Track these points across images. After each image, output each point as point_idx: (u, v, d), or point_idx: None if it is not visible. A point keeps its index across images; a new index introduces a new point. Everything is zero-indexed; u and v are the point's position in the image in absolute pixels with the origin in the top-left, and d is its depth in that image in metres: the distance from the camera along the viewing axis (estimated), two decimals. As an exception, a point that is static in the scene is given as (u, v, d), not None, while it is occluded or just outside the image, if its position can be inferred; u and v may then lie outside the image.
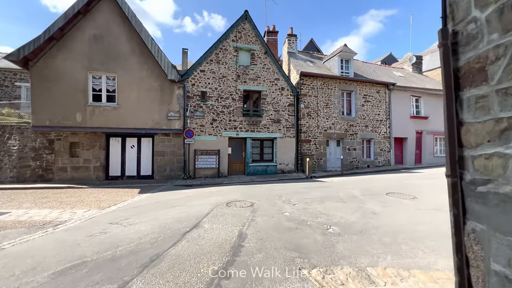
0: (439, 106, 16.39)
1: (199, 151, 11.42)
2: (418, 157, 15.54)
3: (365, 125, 14.42)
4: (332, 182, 9.32)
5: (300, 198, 6.53)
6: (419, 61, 19.42)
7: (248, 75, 12.47)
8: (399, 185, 8.11)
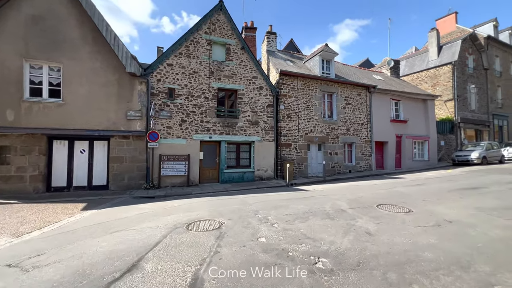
0: (417, 110, 16.41)
1: (165, 157, 9.94)
2: (398, 161, 15.31)
3: (347, 129, 13.84)
4: (315, 191, 8.37)
5: (280, 214, 5.42)
6: (396, 65, 19.57)
7: (223, 71, 11.26)
8: (387, 194, 7.35)
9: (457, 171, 12.58)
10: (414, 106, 16.23)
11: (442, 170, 13.65)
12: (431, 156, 16.41)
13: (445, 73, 19.83)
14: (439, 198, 6.55)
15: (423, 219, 4.88)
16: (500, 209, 5.48)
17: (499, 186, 7.96)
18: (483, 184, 8.31)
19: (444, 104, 19.79)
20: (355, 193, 7.61)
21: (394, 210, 5.50)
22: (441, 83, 20.10)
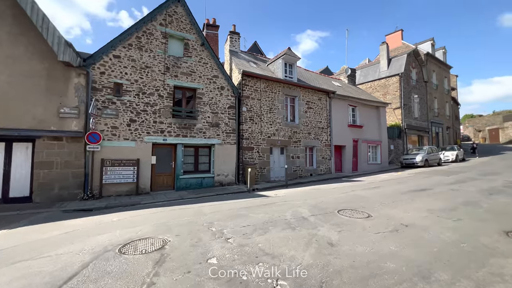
0: (371, 116, 17.52)
1: (109, 161, 8.61)
2: (355, 164, 16.07)
3: (308, 132, 14.01)
4: (277, 197, 8.02)
5: (238, 225, 4.85)
6: (353, 73, 20.80)
7: (181, 68, 10.36)
8: (346, 198, 7.34)
9: (406, 173, 13.62)
10: (369, 113, 17.32)
11: (393, 172, 14.68)
12: (383, 159, 17.67)
13: (393, 83, 21.76)
14: (394, 201, 6.72)
15: (382, 224, 4.80)
16: (447, 210, 5.76)
17: (442, 187, 8.64)
18: (429, 186, 8.94)
19: (393, 111, 21.65)
20: (316, 198, 7.46)
21: (354, 216, 5.37)
22: (390, 92, 21.99)
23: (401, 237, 4.19)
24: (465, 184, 8.97)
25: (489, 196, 7.07)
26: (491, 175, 10.89)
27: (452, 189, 8.11)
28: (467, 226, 4.71)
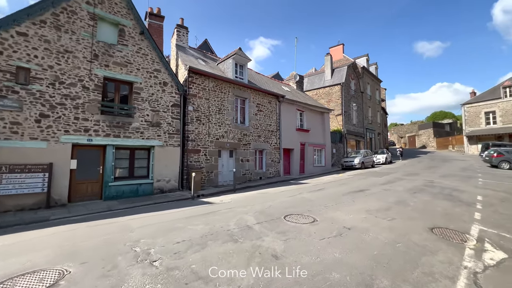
0: (317, 121, 18.52)
1: (5, 167, 6.67)
2: (302, 167, 16.65)
3: (258, 135, 13.86)
4: (223, 203, 7.43)
5: (170, 242, 4.09)
6: (301, 80, 21.81)
7: (113, 57, 8.90)
8: (294, 201, 7.24)
9: (346, 174, 14.67)
10: (315, 118, 18.28)
11: (335, 174, 15.68)
12: (327, 162, 18.85)
13: (336, 91, 23.65)
14: (337, 203, 6.88)
15: (327, 229, 4.70)
16: (382, 210, 6.11)
17: (376, 187, 9.39)
18: (366, 186, 9.63)
19: (335, 117, 23.48)
20: (264, 203, 7.15)
21: (300, 221, 5.18)
22: (333, 100, 23.83)
23: (345, 242, 4.11)
24: (395, 184, 9.97)
25: (413, 194, 7.90)
26: (412, 176, 12.50)
27: (384, 189, 8.86)
28: (400, 226, 4.98)
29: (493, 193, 8.32)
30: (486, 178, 11.61)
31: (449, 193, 8.04)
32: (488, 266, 3.54)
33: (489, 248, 4.12)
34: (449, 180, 10.89)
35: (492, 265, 3.57)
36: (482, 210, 6.25)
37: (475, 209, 6.28)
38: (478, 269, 3.45)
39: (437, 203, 6.77)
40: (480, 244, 4.23)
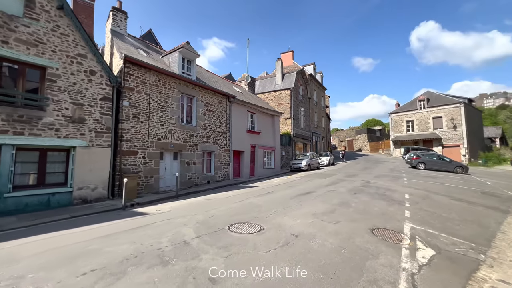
0: (268, 123, 18.63)
1: None
2: (252, 169, 16.44)
3: (206, 136, 13.03)
4: (160, 214, 6.45)
5: (73, 275, 3.08)
6: (253, 82, 21.76)
7: (16, 32, 6.97)
8: (241, 208, 6.76)
9: (294, 176, 15.01)
10: (265, 120, 18.36)
11: (284, 176, 15.92)
12: (276, 164, 19.13)
13: (286, 96, 24.42)
14: (284, 207, 6.67)
15: (274, 239, 4.33)
16: (327, 213, 6.12)
17: (322, 189, 9.67)
18: (312, 189, 9.83)
19: (285, 121, 24.20)
20: (208, 210, 6.46)
21: (246, 231, 4.71)
22: (283, 104, 24.53)
23: (292, 252, 3.79)
24: (338, 185, 10.47)
25: (354, 195, 8.32)
26: (352, 177, 13.50)
27: (329, 191, 9.16)
28: (344, 229, 4.97)
29: (416, 191, 9.42)
30: (409, 177, 13.31)
31: (383, 193, 8.76)
32: (422, 265, 3.67)
33: (420, 246, 4.36)
34: (382, 180, 12.06)
35: (425, 264, 3.71)
36: (410, 208, 6.87)
37: (404, 207, 6.87)
38: (414, 269, 3.52)
39: (375, 203, 7.20)
40: (413, 242, 4.46)
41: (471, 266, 3.79)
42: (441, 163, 18.58)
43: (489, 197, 9.52)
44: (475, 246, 4.57)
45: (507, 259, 4.27)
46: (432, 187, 10.61)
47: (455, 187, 10.93)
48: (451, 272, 3.55)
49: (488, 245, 4.72)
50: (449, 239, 4.81)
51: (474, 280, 3.40)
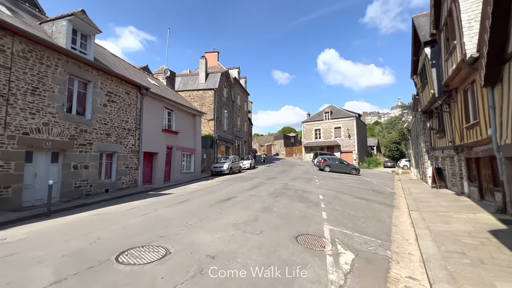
0: (188, 123, 17.01)
1: None
2: (167, 174, 14.43)
3: (107, 133, 10.39)
4: (4, 244, 4.18)
5: None
6: (173, 76, 19.60)
7: None
8: (143, 224, 5.26)
9: (215, 181, 14.04)
10: (186, 119, 16.69)
11: (204, 181, 14.71)
12: (196, 168, 17.66)
13: (209, 96, 23.33)
14: (202, 218, 5.62)
15: (183, 266, 3.25)
16: (250, 221, 5.48)
17: (243, 193, 9.12)
18: (234, 193, 9.15)
19: (207, 122, 23.01)
20: (92, 232, 4.66)
21: (143, 259, 3.42)
22: (206, 104, 23.32)
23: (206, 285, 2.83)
24: (259, 189, 10.21)
25: (275, 199, 8.12)
26: (272, 179, 13.73)
27: (251, 195, 8.69)
28: (269, 240, 4.41)
29: (327, 192, 10.21)
30: (320, 179, 14.68)
31: (301, 195, 8.99)
32: (346, 273, 3.43)
33: (341, 249, 4.25)
34: (298, 182, 12.71)
35: (348, 271, 3.50)
36: (325, 208, 7.13)
37: (321, 209, 7.06)
38: (341, 280, 3.22)
39: (295, 206, 7.13)
40: (335, 247, 4.31)
41: (384, 265, 3.86)
42: (341, 166, 21.76)
43: (378, 194, 11.38)
44: (381, 243, 4.87)
45: (406, 252, 4.70)
46: (338, 187, 11.86)
47: (354, 187, 12.64)
48: (371, 276, 3.45)
49: (389, 240, 5.15)
50: (361, 238, 4.98)
51: (390, 282, 3.38)
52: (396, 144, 44.87)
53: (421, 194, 11.48)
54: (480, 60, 6.74)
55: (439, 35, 10.84)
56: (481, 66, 6.74)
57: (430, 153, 16.13)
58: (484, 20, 6.25)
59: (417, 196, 10.73)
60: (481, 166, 8.93)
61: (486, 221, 6.17)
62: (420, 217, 6.82)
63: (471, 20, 7.62)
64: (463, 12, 7.73)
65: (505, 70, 6.28)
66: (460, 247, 4.48)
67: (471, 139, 9.03)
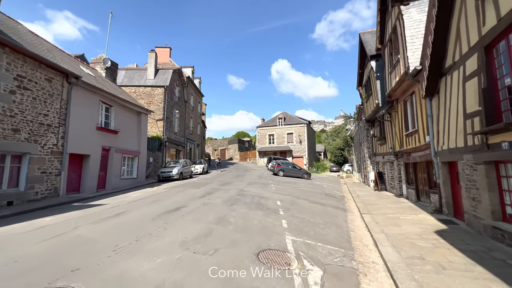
0: (131, 122, 14.89)
1: None
2: (102, 180, 12.14)
3: (14, 129, 8.02)
4: None
5: None
6: (114, 68, 17.04)
7: None
8: (49, 251, 3.85)
9: (162, 187, 12.44)
10: (128, 117, 14.56)
11: (148, 187, 12.92)
12: (140, 173, 15.54)
13: (159, 94, 21.21)
14: (138, 237, 4.46)
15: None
16: (202, 237, 4.58)
17: (195, 202, 8.06)
18: (183, 202, 8.00)
19: (155, 122, 20.82)
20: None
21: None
22: (155, 103, 21.12)
23: None
24: (213, 196, 9.26)
25: (231, 207, 7.34)
26: (227, 185, 12.88)
27: (203, 204, 7.71)
28: (225, 260, 3.62)
29: (284, 197, 9.90)
30: (275, 184, 14.46)
31: (259, 202, 8.41)
32: (318, 298, 2.90)
33: (308, 265, 3.74)
34: (254, 187, 12.17)
35: (319, 294, 2.98)
36: (285, 216, 6.67)
37: (280, 216, 6.58)
38: (313, 309, 2.65)
39: (253, 215, 6.48)
40: (300, 263, 3.78)
41: (353, 281, 3.47)
42: (294, 171, 22.24)
43: (330, 198, 11.65)
44: (345, 252, 4.58)
45: (370, 260, 4.48)
46: (293, 192, 11.74)
47: (308, 191, 12.74)
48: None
49: (351, 247, 4.92)
50: (325, 248, 4.61)
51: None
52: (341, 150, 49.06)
53: (367, 196, 12.21)
54: (422, 73, 7.32)
55: (383, 50, 11.85)
56: (423, 78, 7.33)
57: (372, 158, 17.67)
58: (427, 35, 6.79)
59: (364, 199, 11.33)
60: (418, 170, 9.86)
61: (429, 222, 6.59)
62: (373, 220, 6.94)
63: (413, 36, 8.35)
64: (407, 29, 8.43)
65: (442, 83, 6.91)
66: (417, 251, 4.47)
67: (410, 146, 9.92)
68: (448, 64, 6.43)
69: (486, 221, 5.02)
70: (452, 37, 6.20)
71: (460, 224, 6.19)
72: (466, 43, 5.54)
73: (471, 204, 5.58)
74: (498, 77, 4.72)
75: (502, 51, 4.56)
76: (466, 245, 4.65)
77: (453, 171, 6.90)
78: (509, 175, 4.59)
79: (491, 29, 4.61)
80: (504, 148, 4.27)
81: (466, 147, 5.60)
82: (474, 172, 5.36)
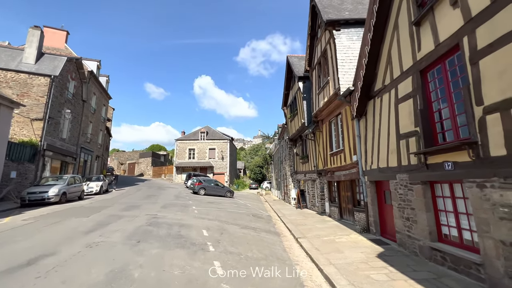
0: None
1: None
2: None
3: None
4: None
5: None
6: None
7: None
8: None
9: (21, 218, 8.20)
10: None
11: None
12: (-12, 194, 10.19)
13: (40, 85, 15.58)
14: None
15: None
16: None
17: (74, 244, 5.20)
18: (53, 245, 5.03)
19: (30, 123, 14.99)
20: None
21: None
22: (32, 96, 15.34)
23: None
24: (108, 229, 6.49)
25: (137, 247, 5.05)
26: (133, 209, 9.90)
27: (89, 245, 5.03)
28: None
29: (210, 223, 8.14)
30: (196, 205, 12.36)
31: (178, 233, 6.35)
32: None
33: None
34: (171, 211, 9.78)
35: None
36: (217, 253, 5.02)
37: (211, 255, 4.87)
38: None
39: (172, 260, 4.49)
40: None
41: None
42: (217, 189, 20.54)
43: (259, 219, 10.65)
44: (303, 305, 3.38)
45: (334, 314, 3.46)
46: (220, 215, 10.10)
47: (235, 213, 11.37)
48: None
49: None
50: (278, 304, 3.27)
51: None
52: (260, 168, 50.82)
53: (293, 216, 11.92)
54: (354, 94, 7.56)
55: (311, 72, 12.47)
56: (354, 99, 7.56)
57: (293, 176, 18.25)
58: (361, 58, 7.05)
59: (291, 218, 10.93)
60: (341, 189, 10.23)
61: (364, 244, 6.39)
62: (312, 247, 6.20)
63: (343, 60, 8.80)
64: (339, 52, 8.84)
65: (370, 106, 7.24)
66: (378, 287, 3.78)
67: (335, 165, 10.27)
68: (378, 87, 6.75)
69: (422, 242, 4.99)
70: (382, 62, 6.55)
71: (391, 244, 6.21)
72: (398, 68, 5.82)
73: (405, 224, 5.60)
74: (432, 100, 4.94)
75: (437, 75, 4.81)
76: (415, 273, 4.34)
77: (381, 190, 7.14)
78: (445, 195, 4.69)
79: (427, 54, 4.84)
80: (447, 169, 4.27)
81: (400, 167, 5.69)
82: (409, 191, 5.40)
